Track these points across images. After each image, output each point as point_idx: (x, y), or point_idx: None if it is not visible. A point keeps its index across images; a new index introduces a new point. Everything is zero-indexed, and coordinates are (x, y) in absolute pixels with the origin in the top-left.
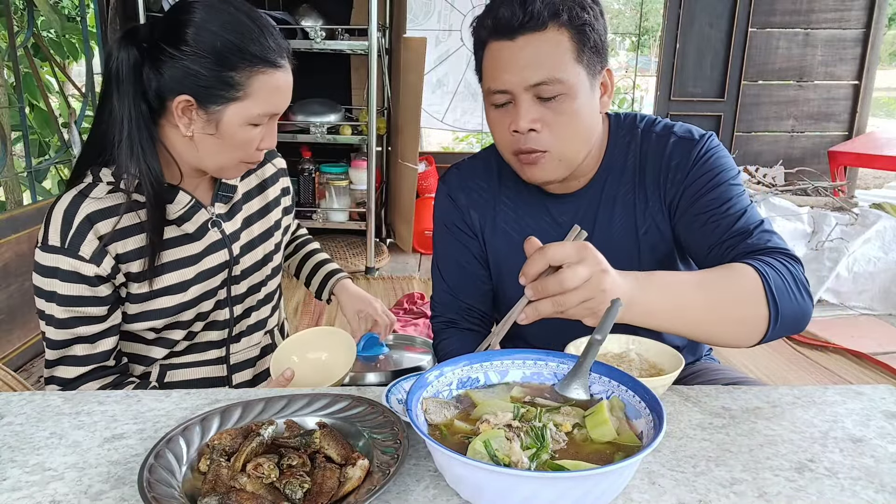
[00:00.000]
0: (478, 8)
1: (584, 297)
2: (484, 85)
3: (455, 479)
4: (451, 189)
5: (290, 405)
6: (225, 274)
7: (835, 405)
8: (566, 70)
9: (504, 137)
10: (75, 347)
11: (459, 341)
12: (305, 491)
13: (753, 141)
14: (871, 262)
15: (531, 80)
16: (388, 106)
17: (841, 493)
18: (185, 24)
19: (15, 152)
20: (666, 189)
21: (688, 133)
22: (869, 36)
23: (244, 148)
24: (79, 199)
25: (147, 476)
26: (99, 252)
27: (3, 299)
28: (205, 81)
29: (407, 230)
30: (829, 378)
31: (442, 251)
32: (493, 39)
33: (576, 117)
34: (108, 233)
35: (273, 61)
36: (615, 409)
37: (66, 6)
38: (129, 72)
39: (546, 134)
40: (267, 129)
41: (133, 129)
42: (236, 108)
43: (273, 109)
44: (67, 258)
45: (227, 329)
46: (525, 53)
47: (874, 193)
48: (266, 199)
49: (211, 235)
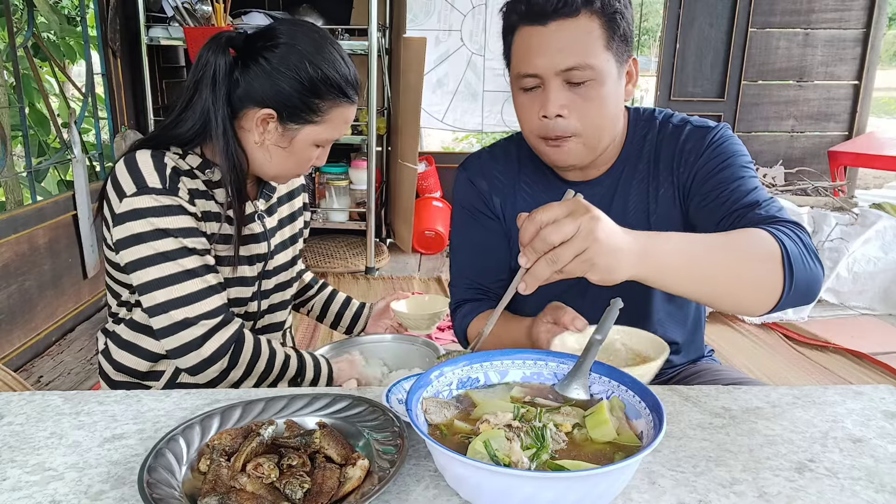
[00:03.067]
0: (478, 8)
1: (576, 249)
2: (513, 69)
3: (455, 479)
4: (472, 175)
5: (290, 405)
6: (261, 266)
7: (835, 405)
8: (597, 56)
9: (531, 122)
10: (208, 277)
11: (473, 311)
12: (305, 491)
13: (753, 141)
14: (871, 262)
15: (562, 64)
16: (388, 106)
17: (841, 493)
18: (288, 46)
19: (15, 152)
20: (679, 173)
21: (703, 123)
22: (869, 36)
23: (303, 163)
24: (159, 154)
25: (147, 476)
26: (191, 197)
27: (3, 299)
28: (292, 102)
29: (407, 230)
30: (829, 378)
31: (462, 236)
32: (524, 24)
33: (603, 103)
34: (189, 190)
35: (351, 97)
36: (615, 409)
37: (66, 6)
38: (224, 75)
39: (573, 119)
40: (324, 150)
41: (228, 129)
42: (311, 130)
43: (338, 135)
44: (173, 196)
45: (253, 322)
46: (557, 38)
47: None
48: (293, 207)
49: (254, 227)
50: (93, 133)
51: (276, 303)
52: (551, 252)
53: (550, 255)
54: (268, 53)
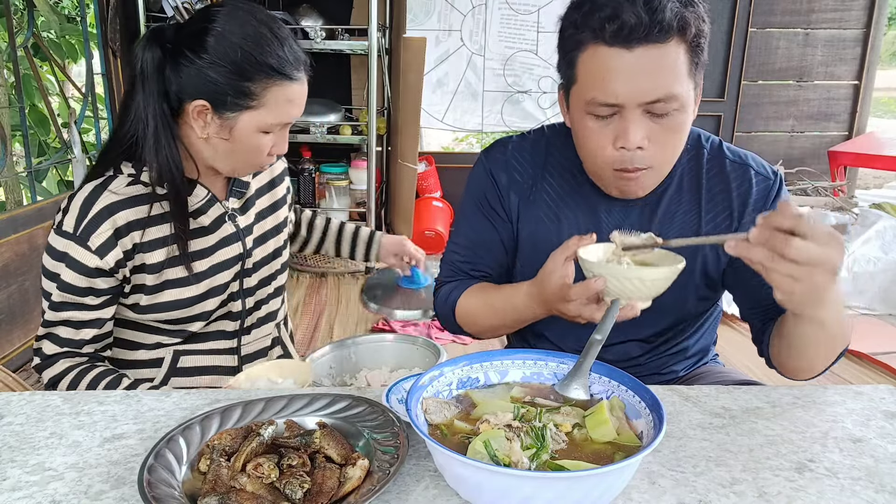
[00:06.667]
0: (478, 8)
1: (796, 273)
2: (582, 93)
3: (455, 479)
4: (494, 167)
5: (290, 405)
6: (238, 267)
7: (835, 405)
8: (681, 85)
9: (604, 152)
10: (60, 328)
11: (460, 286)
12: (305, 491)
13: (753, 141)
14: (871, 262)
15: (648, 97)
16: (388, 106)
17: (841, 493)
18: (207, 32)
19: (15, 152)
20: (741, 223)
21: (762, 168)
22: (869, 36)
23: (254, 153)
24: (99, 189)
25: (147, 476)
26: (107, 244)
27: (3, 299)
28: (221, 89)
29: (407, 230)
30: (829, 378)
31: (466, 222)
32: (602, 44)
33: (681, 132)
34: (126, 223)
35: (288, 74)
36: (615, 409)
37: (66, 6)
38: (153, 71)
39: (652, 150)
40: (278, 136)
41: (158, 125)
42: (250, 117)
43: (285, 119)
44: (76, 245)
45: (240, 320)
46: (642, 67)
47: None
48: (275, 196)
49: (226, 228)
50: (93, 133)
51: (263, 297)
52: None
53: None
54: (193, 42)
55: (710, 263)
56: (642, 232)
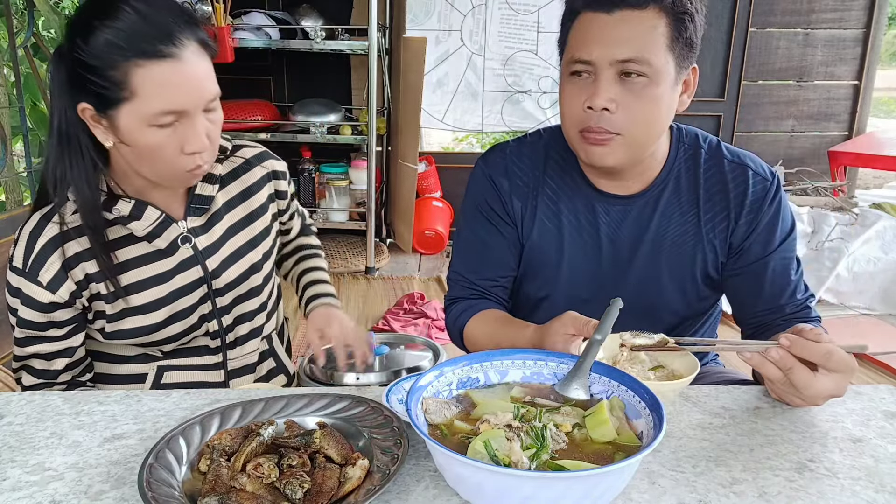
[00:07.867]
0: (478, 8)
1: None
2: (567, 54)
3: (455, 479)
4: (494, 172)
5: (289, 405)
6: (204, 289)
7: (835, 405)
8: (656, 53)
9: (574, 112)
10: (33, 361)
11: (470, 309)
12: (305, 491)
13: (753, 141)
14: (871, 263)
15: (619, 55)
16: (388, 106)
17: (841, 493)
18: (74, 25)
19: (15, 152)
20: (738, 224)
21: (761, 169)
22: (869, 36)
23: (162, 154)
24: (43, 222)
25: (147, 476)
26: (58, 277)
27: (3, 299)
28: (94, 84)
29: (407, 230)
30: None
31: (469, 232)
32: (587, 10)
33: (654, 105)
34: (75, 254)
35: (150, 52)
36: (615, 409)
37: (67, 6)
38: (59, 85)
39: (620, 116)
40: (182, 129)
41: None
42: (129, 110)
43: (171, 106)
44: (27, 282)
45: (220, 338)
46: (619, 29)
47: (874, 193)
48: (250, 207)
49: (182, 252)
50: None
51: (245, 313)
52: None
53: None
54: (69, 40)
55: (710, 263)
56: (641, 230)
